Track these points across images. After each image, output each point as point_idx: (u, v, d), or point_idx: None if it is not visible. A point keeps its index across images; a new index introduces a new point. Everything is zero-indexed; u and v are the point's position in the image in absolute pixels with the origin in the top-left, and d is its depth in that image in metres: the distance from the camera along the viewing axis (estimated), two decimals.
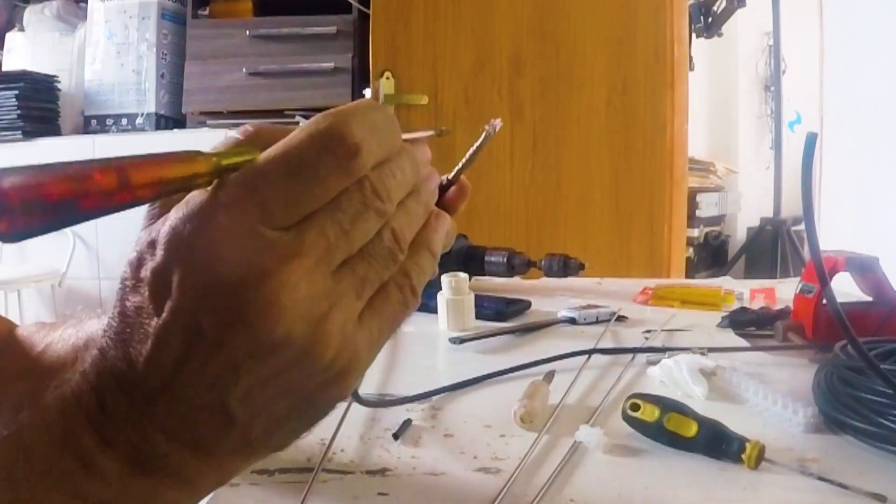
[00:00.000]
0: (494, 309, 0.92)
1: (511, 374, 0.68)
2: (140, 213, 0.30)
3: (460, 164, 0.39)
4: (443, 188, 0.37)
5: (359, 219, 0.29)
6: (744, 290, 1.07)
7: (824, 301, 0.69)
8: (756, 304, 0.97)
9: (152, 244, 0.28)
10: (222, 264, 0.26)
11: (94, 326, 0.49)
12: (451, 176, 0.38)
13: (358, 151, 0.28)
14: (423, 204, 0.33)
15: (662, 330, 0.85)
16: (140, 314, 0.28)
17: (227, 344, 0.27)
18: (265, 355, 0.27)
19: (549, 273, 1.06)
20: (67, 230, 2.59)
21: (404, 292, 0.31)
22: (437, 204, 0.35)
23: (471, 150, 0.39)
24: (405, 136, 0.32)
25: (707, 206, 2.92)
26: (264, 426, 0.29)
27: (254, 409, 0.28)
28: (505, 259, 1.06)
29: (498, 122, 0.39)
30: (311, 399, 0.29)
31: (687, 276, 2.40)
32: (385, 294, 0.31)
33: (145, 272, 0.28)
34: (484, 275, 1.07)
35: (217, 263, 0.26)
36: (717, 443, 0.47)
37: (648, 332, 0.85)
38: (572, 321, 0.91)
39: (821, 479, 0.44)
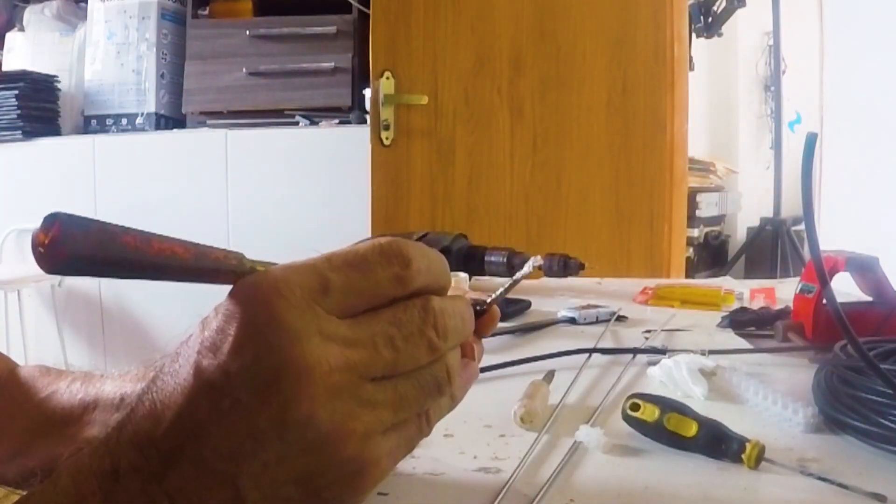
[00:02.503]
0: None
1: (511, 375, 0.68)
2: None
3: (496, 294, 0.41)
4: (476, 313, 0.39)
5: (411, 342, 0.31)
6: (744, 290, 1.07)
7: (824, 301, 0.69)
8: (756, 304, 0.97)
9: (218, 308, 0.29)
10: (271, 329, 0.27)
11: (107, 387, 0.50)
12: (486, 304, 0.40)
13: (409, 263, 0.31)
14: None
15: (662, 330, 0.85)
16: (181, 371, 0.29)
17: (255, 412, 0.27)
18: (286, 430, 0.28)
19: (549, 273, 1.06)
20: None
21: (421, 421, 0.33)
22: None
23: (509, 283, 0.43)
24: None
25: (707, 206, 2.92)
26: None
27: (262, 490, 0.28)
28: (505, 259, 1.06)
29: (539, 259, 0.42)
30: (322, 494, 0.30)
31: (687, 276, 2.40)
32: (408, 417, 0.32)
33: (201, 334, 0.29)
34: (484, 275, 1.07)
35: (267, 327, 0.28)
36: (717, 443, 0.47)
37: (648, 332, 0.85)
38: (572, 321, 0.91)
39: (821, 479, 0.44)
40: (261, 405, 0.27)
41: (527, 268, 0.41)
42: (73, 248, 0.25)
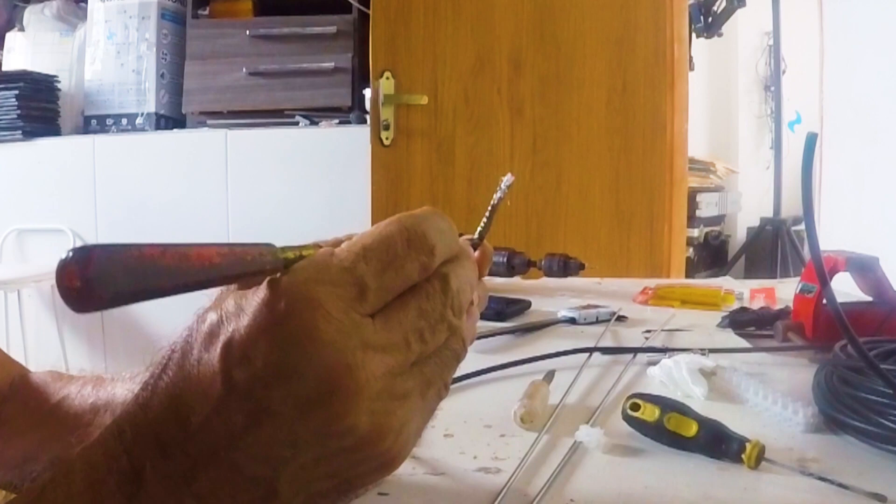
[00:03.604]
0: (494, 309, 0.92)
1: (511, 375, 0.68)
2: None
3: (481, 227, 0.40)
4: None
5: (436, 330, 0.31)
6: (744, 290, 1.07)
7: (824, 301, 0.69)
8: (756, 304, 0.97)
9: (239, 309, 0.28)
10: (315, 346, 0.27)
11: (118, 390, 0.49)
12: (474, 239, 0.39)
13: (433, 251, 0.31)
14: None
15: (662, 330, 0.85)
16: (202, 373, 0.27)
17: (296, 424, 0.27)
18: (328, 439, 0.28)
19: (549, 273, 1.06)
20: (66, 229, 2.60)
21: (440, 389, 0.33)
22: None
23: (488, 211, 0.41)
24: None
25: (707, 206, 2.92)
26: (303, 502, 0.29)
27: (298, 487, 0.28)
28: (505, 259, 1.06)
29: (510, 178, 0.41)
30: (354, 482, 0.30)
31: (687, 276, 2.40)
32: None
33: (225, 334, 0.27)
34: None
35: (309, 344, 0.27)
36: (717, 443, 0.47)
37: (648, 332, 0.85)
38: (572, 321, 0.91)
39: (821, 479, 0.44)
40: (303, 419, 0.27)
41: (500, 190, 0.41)
42: (113, 286, 0.22)
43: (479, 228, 0.40)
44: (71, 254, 0.22)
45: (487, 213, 0.41)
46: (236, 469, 0.27)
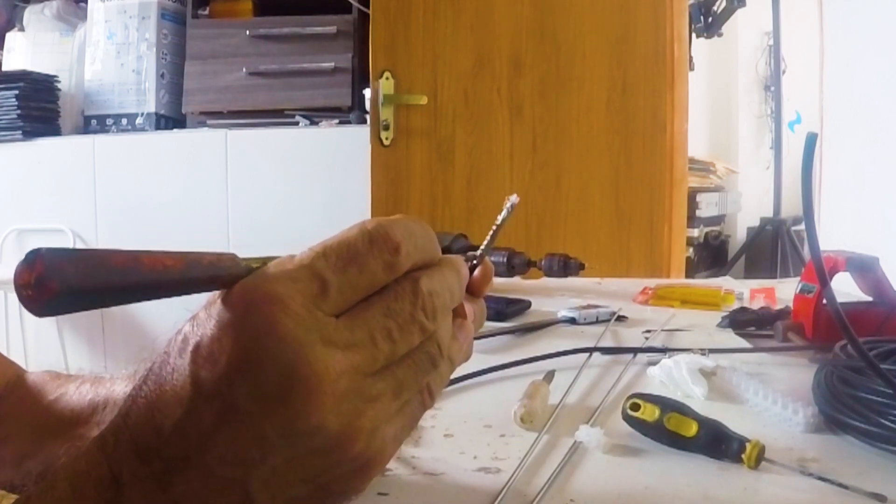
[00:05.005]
0: (494, 309, 0.92)
1: (511, 375, 0.68)
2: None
3: (483, 246, 0.40)
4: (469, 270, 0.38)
5: (406, 330, 0.31)
6: (744, 290, 1.07)
7: (824, 301, 0.68)
8: (756, 304, 0.97)
9: (208, 315, 0.28)
10: (274, 340, 0.27)
11: (118, 387, 0.49)
12: (476, 260, 0.39)
13: (398, 248, 0.31)
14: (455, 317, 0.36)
15: (662, 330, 0.85)
16: (175, 379, 0.28)
17: (262, 422, 0.27)
18: (296, 439, 0.27)
19: (549, 273, 1.06)
20: (66, 229, 2.60)
21: (423, 396, 0.33)
22: None
23: (492, 231, 0.41)
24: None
25: (707, 206, 2.92)
26: None
27: (273, 492, 0.28)
28: (505, 259, 1.06)
29: (515, 199, 0.41)
30: (331, 488, 0.30)
31: (687, 276, 2.40)
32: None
33: (194, 339, 0.28)
34: None
35: (268, 339, 0.27)
36: (717, 443, 0.47)
37: (648, 332, 0.85)
38: (572, 321, 0.91)
39: (821, 479, 0.44)
40: (267, 416, 0.27)
41: (506, 210, 0.41)
42: (62, 280, 0.24)
43: (481, 247, 0.40)
44: (23, 258, 0.24)
45: (491, 233, 0.41)
46: (209, 472, 0.27)
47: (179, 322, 0.30)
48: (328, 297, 0.29)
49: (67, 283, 0.24)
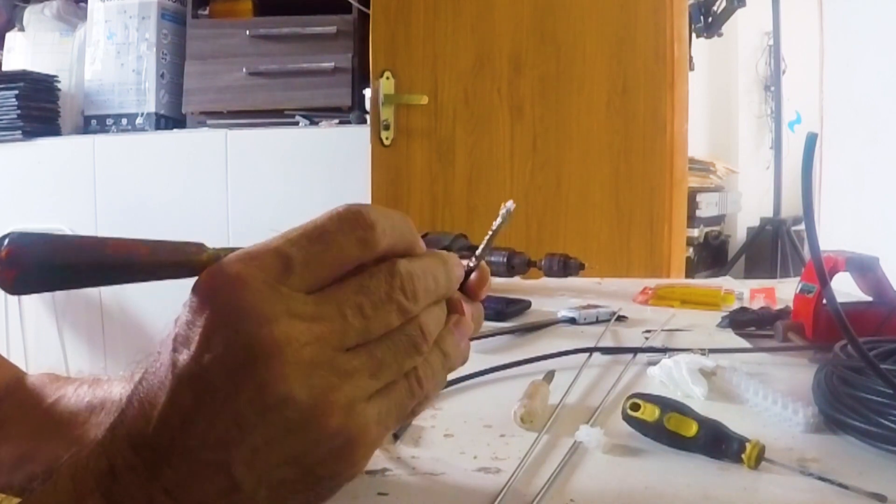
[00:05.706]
0: (494, 309, 0.92)
1: (511, 375, 0.68)
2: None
3: (479, 250, 0.40)
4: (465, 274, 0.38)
5: (381, 308, 0.31)
6: (744, 290, 1.07)
7: (824, 301, 0.68)
8: (756, 304, 0.97)
9: (184, 304, 0.30)
10: (236, 315, 0.28)
11: (115, 389, 0.50)
12: (472, 263, 0.39)
13: (373, 225, 0.31)
14: (445, 311, 0.36)
15: (662, 330, 0.85)
16: (159, 370, 0.29)
17: (235, 398, 0.28)
18: (268, 413, 0.28)
19: (549, 273, 1.06)
20: (66, 229, 2.60)
21: (410, 381, 0.33)
22: (459, 290, 0.37)
23: (488, 235, 0.41)
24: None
25: (707, 206, 2.92)
26: (268, 496, 0.29)
27: (258, 475, 0.28)
28: (505, 259, 1.06)
29: (511, 205, 0.41)
30: (317, 471, 0.30)
31: (687, 276, 2.40)
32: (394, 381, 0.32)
33: (174, 328, 0.29)
34: None
35: (232, 315, 0.28)
36: (717, 443, 0.47)
37: (648, 332, 0.85)
38: (572, 321, 0.91)
39: (821, 479, 0.44)
40: (238, 390, 0.28)
41: (501, 216, 0.41)
42: (30, 256, 0.26)
43: (477, 252, 0.40)
44: None
45: (487, 238, 0.41)
46: (193, 457, 0.28)
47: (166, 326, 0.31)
48: (293, 273, 0.29)
49: (35, 261, 0.26)
